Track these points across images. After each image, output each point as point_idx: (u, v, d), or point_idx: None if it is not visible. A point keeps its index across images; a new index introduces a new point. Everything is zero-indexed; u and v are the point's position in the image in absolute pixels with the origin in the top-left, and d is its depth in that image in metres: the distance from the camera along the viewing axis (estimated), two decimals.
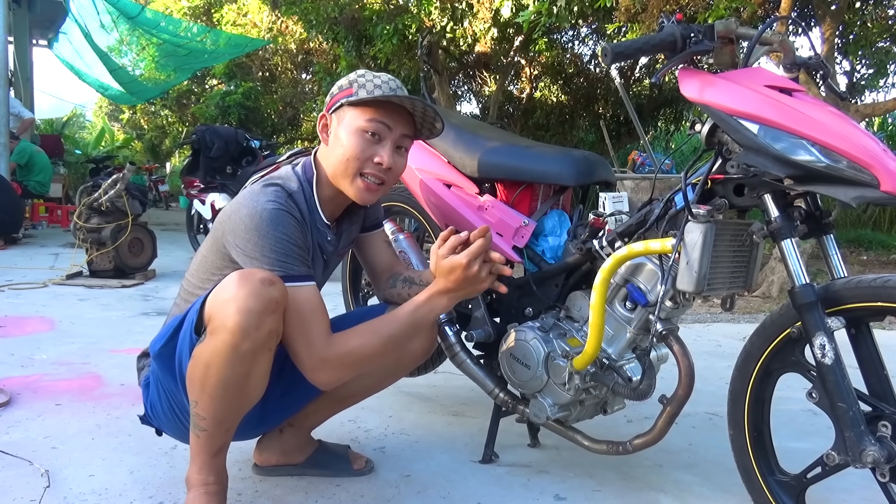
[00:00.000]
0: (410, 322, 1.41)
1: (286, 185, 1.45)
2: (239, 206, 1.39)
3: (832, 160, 1.19)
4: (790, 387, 1.52)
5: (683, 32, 1.34)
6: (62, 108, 19.98)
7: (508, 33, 7.41)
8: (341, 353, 1.36)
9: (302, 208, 1.44)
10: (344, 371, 1.39)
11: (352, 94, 1.44)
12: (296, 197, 1.44)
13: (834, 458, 1.28)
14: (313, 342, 1.34)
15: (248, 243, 1.34)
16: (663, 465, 1.88)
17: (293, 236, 1.37)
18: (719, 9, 4.39)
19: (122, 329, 3.24)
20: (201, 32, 9.75)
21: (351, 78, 1.47)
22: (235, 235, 1.37)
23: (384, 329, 1.40)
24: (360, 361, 1.40)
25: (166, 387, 1.45)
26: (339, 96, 1.47)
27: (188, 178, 5.71)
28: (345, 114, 1.45)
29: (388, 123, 1.43)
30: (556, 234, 1.76)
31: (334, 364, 1.36)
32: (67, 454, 1.78)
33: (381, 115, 1.43)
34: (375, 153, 1.43)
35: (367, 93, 1.42)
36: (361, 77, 1.45)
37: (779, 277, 4.74)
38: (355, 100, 1.42)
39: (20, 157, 7.36)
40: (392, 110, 1.44)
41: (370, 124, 1.42)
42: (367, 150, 1.43)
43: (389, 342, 1.40)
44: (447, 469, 1.80)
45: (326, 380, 1.38)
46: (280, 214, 1.36)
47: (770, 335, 1.40)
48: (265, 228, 1.34)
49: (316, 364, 1.35)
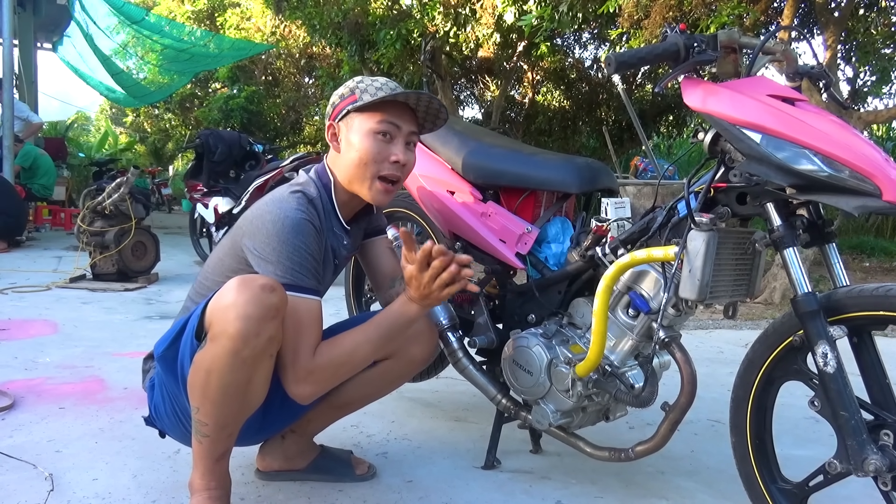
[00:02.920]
0: (385, 330, 1.41)
1: (307, 191, 1.47)
2: (263, 212, 1.41)
3: (834, 170, 1.20)
4: (792, 394, 1.52)
5: (687, 42, 1.35)
6: (66, 111, 20.06)
7: (511, 38, 7.42)
8: (323, 364, 1.37)
9: (321, 214, 1.46)
10: (323, 384, 1.41)
11: (356, 100, 1.47)
12: (315, 203, 1.46)
13: (836, 467, 1.28)
14: (300, 354, 1.35)
15: (266, 247, 1.36)
16: (665, 472, 1.89)
17: (311, 247, 1.39)
18: (722, 16, 4.40)
19: (125, 333, 3.24)
20: (205, 37, 9.79)
21: (350, 85, 1.50)
22: (255, 239, 1.39)
23: (360, 338, 1.41)
24: (338, 373, 1.41)
25: (169, 389, 1.46)
26: (342, 104, 1.50)
27: (191, 181, 5.72)
28: (353, 120, 1.48)
29: (396, 122, 1.48)
30: (559, 240, 1.77)
31: (316, 375, 1.37)
32: (71, 458, 1.78)
33: (389, 115, 1.47)
34: (390, 152, 1.47)
35: (371, 96, 1.46)
36: (361, 83, 1.49)
37: (781, 284, 4.73)
38: (362, 104, 1.46)
39: (24, 160, 7.37)
40: (397, 109, 1.48)
41: (381, 125, 1.46)
42: (383, 150, 1.47)
43: (368, 349, 1.42)
44: (449, 475, 1.80)
45: (304, 392, 1.38)
46: (304, 224, 1.38)
47: (772, 343, 1.40)
48: (286, 235, 1.36)
49: (299, 375, 1.36)
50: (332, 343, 1.40)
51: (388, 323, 1.41)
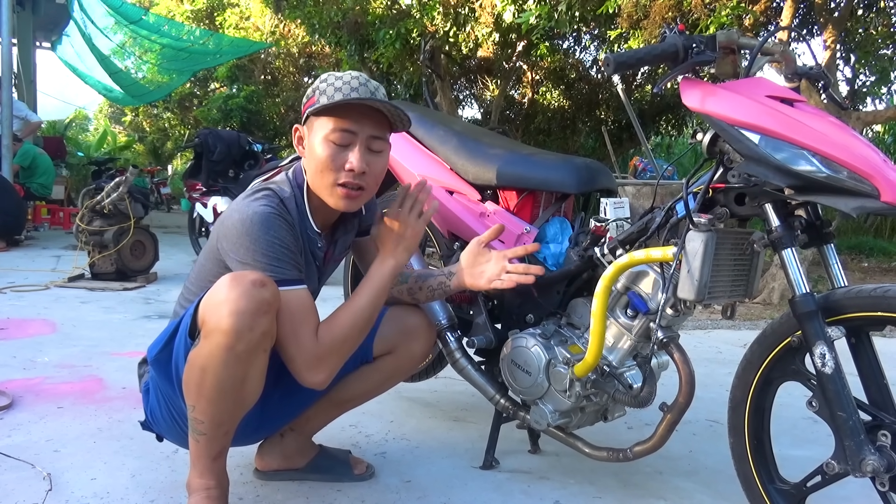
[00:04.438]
0: (373, 292, 1.44)
1: (279, 190, 1.44)
2: (231, 212, 1.39)
3: (833, 171, 1.20)
4: (790, 394, 1.52)
5: (685, 43, 1.35)
6: (65, 109, 20.04)
7: (511, 38, 7.42)
8: (328, 345, 1.37)
9: (293, 214, 1.43)
10: (334, 363, 1.40)
11: (314, 102, 1.41)
12: (287, 203, 1.43)
13: (834, 467, 1.28)
14: (303, 343, 1.35)
15: (239, 248, 1.34)
16: (664, 472, 1.89)
17: (284, 240, 1.36)
18: (721, 16, 4.40)
19: (123, 332, 3.24)
20: (204, 36, 9.78)
21: (314, 85, 1.43)
22: (228, 241, 1.37)
23: (353, 308, 1.42)
24: (345, 345, 1.41)
25: (164, 392, 1.46)
26: (305, 106, 1.45)
27: (190, 181, 5.72)
28: (313, 124, 1.43)
29: (351, 129, 1.39)
30: (558, 241, 1.77)
31: (324, 360, 1.37)
32: (69, 457, 1.78)
33: (344, 121, 1.38)
34: (346, 160, 1.39)
35: (328, 98, 1.38)
36: (323, 83, 1.41)
37: (780, 284, 4.74)
38: (317, 108, 1.38)
39: (23, 159, 7.37)
40: (356, 111, 1.39)
41: (334, 133, 1.39)
42: (337, 158, 1.39)
43: (364, 316, 1.43)
44: (448, 475, 1.80)
45: (319, 378, 1.38)
46: (270, 218, 1.35)
47: (770, 344, 1.40)
48: (256, 233, 1.33)
49: (310, 363, 1.36)
50: (329, 323, 1.40)
51: (373, 284, 1.45)
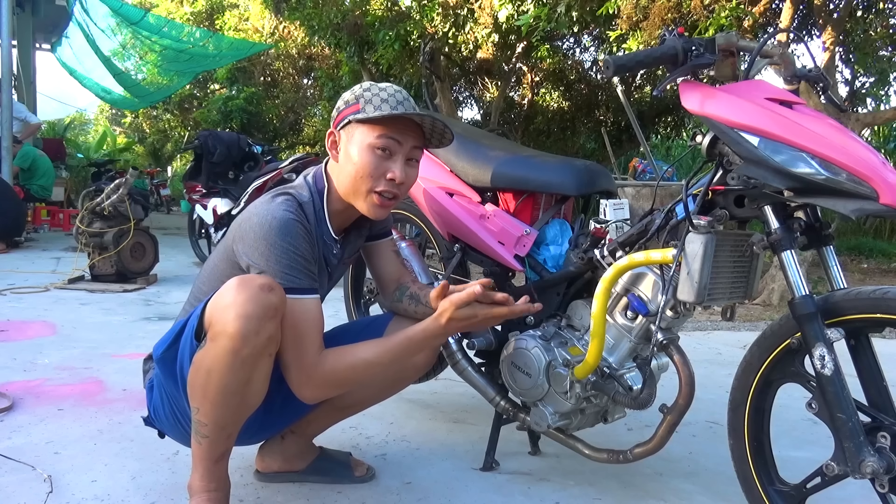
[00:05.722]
0: (403, 352, 1.37)
1: (298, 195, 1.45)
2: (250, 214, 1.40)
3: (832, 173, 1.20)
4: (790, 395, 1.53)
5: (685, 46, 1.36)
6: (64, 111, 20.05)
7: (510, 40, 7.43)
8: (328, 372, 1.36)
9: (311, 220, 1.44)
10: (329, 389, 1.41)
11: (358, 110, 1.42)
12: (305, 208, 1.44)
13: (833, 469, 1.28)
14: (304, 357, 1.34)
15: (255, 252, 1.35)
16: (663, 473, 1.89)
17: (300, 247, 1.37)
18: (720, 17, 4.41)
19: (123, 334, 3.24)
20: (204, 37, 9.79)
21: (357, 92, 1.45)
22: (244, 243, 1.37)
23: (376, 355, 1.37)
24: (347, 382, 1.40)
25: (168, 391, 1.46)
26: (345, 112, 1.45)
27: (190, 182, 5.72)
28: (353, 130, 1.43)
29: (397, 139, 1.42)
30: (558, 243, 1.77)
31: (319, 381, 1.36)
32: (70, 459, 1.78)
33: (391, 130, 1.41)
34: (388, 169, 1.42)
35: (375, 108, 1.40)
36: (367, 91, 1.43)
37: (779, 286, 4.74)
38: (363, 117, 1.41)
39: (23, 160, 7.37)
40: (401, 123, 1.42)
41: (380, 140, 1.40)
42: (380, 166, 1.41)
43: (379, 367, 1.38)
44: (448, 476, 1.80)
45: (310, 395, 1.39)
46: (290, 224, 1.36)
47: (770, 346, 1.40)
48: (273, 238, 1.34)
49: (302, 379, 1.36)
50: (344, 352, 1.37)
51: (411, 347, 1.37)
